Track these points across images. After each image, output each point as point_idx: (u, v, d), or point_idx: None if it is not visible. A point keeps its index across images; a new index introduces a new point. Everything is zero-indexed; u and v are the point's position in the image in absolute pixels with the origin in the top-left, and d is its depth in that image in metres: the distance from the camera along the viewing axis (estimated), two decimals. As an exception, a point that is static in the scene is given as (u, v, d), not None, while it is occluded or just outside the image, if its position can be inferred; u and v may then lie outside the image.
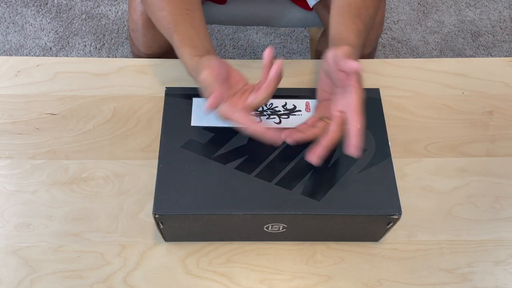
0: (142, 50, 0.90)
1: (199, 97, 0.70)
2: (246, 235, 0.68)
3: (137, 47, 0.92)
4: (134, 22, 0.86)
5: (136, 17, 0.85)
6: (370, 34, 0.90)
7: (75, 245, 0.69)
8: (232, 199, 0.62)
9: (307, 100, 0.71)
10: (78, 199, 0.72)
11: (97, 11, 1.66)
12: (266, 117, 0.69)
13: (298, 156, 0.66)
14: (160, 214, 0.61)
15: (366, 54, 0.94)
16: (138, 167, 0.75)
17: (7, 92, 0.82)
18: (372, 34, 0.90)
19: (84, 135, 0.78)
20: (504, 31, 1.70)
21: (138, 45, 0.89)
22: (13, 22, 1.64)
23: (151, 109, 0.80)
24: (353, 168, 0.65)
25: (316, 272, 0.68)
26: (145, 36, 0.86)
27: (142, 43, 0.88)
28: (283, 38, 1.66)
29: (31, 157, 0.75)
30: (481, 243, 0.71)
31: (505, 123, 0.82)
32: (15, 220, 0.70)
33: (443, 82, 0.86)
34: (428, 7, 1.74)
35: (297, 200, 0.62)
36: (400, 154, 0.77)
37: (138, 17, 0.85)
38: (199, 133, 0.67)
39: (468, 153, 0.79)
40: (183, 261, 0.68)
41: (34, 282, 0.65)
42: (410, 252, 0.70)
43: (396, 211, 0.62)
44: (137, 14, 0.84)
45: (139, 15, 0.84)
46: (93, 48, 1.59)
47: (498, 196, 0.75)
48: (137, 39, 0.88)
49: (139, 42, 0.88)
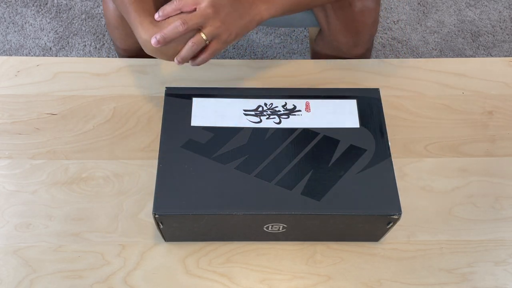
0: (119, 45, 0.92)
1: (199, 97, 0.70)
2: (246, 235, 0.68)
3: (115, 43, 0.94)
4: (107, 18, 0.89)
5: (109, 13, 0.88)
6: (363, 34, 0.90)
7: (75, 245, 0.69)
8: (232, 199, 0.62)
9: (307, 100, 0.71)
10: (78, 199, 0.72)
11: (97, 11, 1.66)
12: (266, 117, 0.69)
13: (298, 156, 0.66)
14: (160, 214, 0.61)
15: (360, 54, 0.94)
16: (138, 167, 0.75)
17: (7, 92, 0.82)
18: (365, 34, 0.90)
19: (84, 135, 0.78)
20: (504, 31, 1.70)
21: (115, 40, 0.92)
22: (13, 22, 1.63)
23: (151, 109, 0.80)
24: (353, 168, 0.65)
25: (316, 272, 0.68)
26: (118, 29, 0.89)
27: (117, 38, 0.91)
28: (283, 38, 1.66)
29: (31, 157, 0.75)
30: (481, 243, 0.71)
31: (505, 123, 0.82)
32: (15, 220, 0.70)
33: (443, 82, 0.86)
34: (428, 7, 1.74)
35: (297, 200, 0.62)
36: (400, 154, 0.77)
37: (110, 13, 0.88)
38: (199, 133, 0.67)
39: (468, 153, 0.78)
40: (183, 261, 0.68)
41: (34, 282, 0.65)
42: (410, 252, 0.70)
43: (396, 211, 0.62)
44: (110, 10, 0.88)
45: (112, 11, 0.87)
46: (93, 48, 1.59)
47: (498, 196, 0.75)
48: (113, 34, 0.91)
49: (115, 37, 0.91)
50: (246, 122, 0.69)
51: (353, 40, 0.91)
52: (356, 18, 0.87)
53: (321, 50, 1.00)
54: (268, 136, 0.67)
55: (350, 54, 0.93)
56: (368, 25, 0.89)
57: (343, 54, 0.94)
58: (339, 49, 0.93)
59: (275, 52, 1.61)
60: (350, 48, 0.92)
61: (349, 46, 0.92)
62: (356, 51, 0.93)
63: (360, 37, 0.90)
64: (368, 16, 0.88)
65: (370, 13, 0.88)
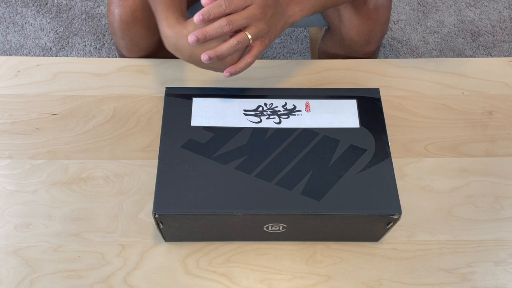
0: (125, 53, 0.91)
1: (199, 97, 0.70)
2: (246, 235, 0.68)
3: (119, 51, 0.93)
4: (112, 26, 0.86)
5: (113, 20, 0.85)
6: (376, 31, 0.90)
7: (75, 245, 0.69)
8: (232, 199, 0.62)
9: (307, 100, 0.71)
10: (78, 199, 0.72)
11: (97, 11, 1.66)
12: (266, 117, 0.69)
13: (298, 156, 0.66)
14: (160, 214, 0.61)
15: (371, 52, 0.94)
16: (138, 167, 0.75)
17: (7, 92, 0.82)
18: (377, 32, 0.90)
19: (84, 135, 0.78)
20: (504, 31, 1.70)
21: (120, 48, 0.90)
22: (13, 22, 1.63)
23: (151, 109, 0.80)
24: (353, 168, 0.65)
25: (316, 272, 0.68)
26: (124, 39, 0.87)
27: (122, 46, 0.89)
28: (283, 38, 1.66)
29: (31, 157, 0.75)
30: (481, 243, 0.71)
31: (505, 123, 0.82)
32: (15, 220, 0.70)
33: (443, 82, 0.86)
34: (428, 7, 1.74)
35: (297, 200, 0.62)
36: (400, 154, 0.77)
37: (115, 20, 0.85)
38: (199, 133, 0.67)
39: (468, 153, 0.79)
40: (183, 261, 0.68)
41: (34, 282, 0.65)
42: (410, 252, 0.70)
43: (396, 211, 0.62)
44: (115, 17, 0.85)
45: (117, 18, 0.84)
46: (93, 48, 1.59)
47: (498, 196, 0.75)
48: (117, 42, 0.89)
49: (120, 45, 0.89)
50: (246, 122, 0.69)
51: (366, 38, 0.90)
52: (370, 15, 0.87)
53: (330, 49, 1.00)
54: (268, 136, 0.67)
55: (361, 52, 0.93)
56: (382, 23, 0.89)
57: (354, 53, 0.93)
58: (351, 47, 0.93)
59: (275, 52, 1.61)
60: (363, 46, 0.92)
61: (362, 44, 0.91)
62: (368, 49, 0.92)
63: (373, 35, 0.90)
64: (382, 14, 0.88)
65: (383, 11, 0.88)
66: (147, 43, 0.88)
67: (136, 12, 0.83)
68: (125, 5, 0.83)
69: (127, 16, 0.83)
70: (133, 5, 0.83)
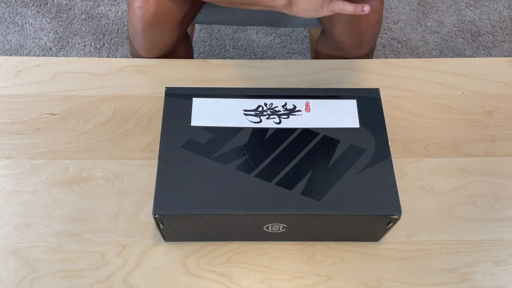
0: (142, 54, 0.90)
1: (199, 97, 0.70)
2: (246, 235, 0.68)
3: (137, 50, 0.92)
4: (134, 26, 0.85)
5: (136, 21, 0.84)
6: (367, 34, 0.90)
7: (75, 245, 0.69)
8: (232, 199, 0.62)
9: (307, 100, 0.71)
10: (78, 199, 0.72)
11: (97, 11, 1.66)
12: (266, 117, 0.69)
13: (298, 156, 0.66)
14: (160, 214, 0.61)
15: (364, 54, 0.94)
16: (138, 167, 0.75)
17: (7, 92, 0.82)
18: (369, 34, 0.90)
19: (84, 135, 0.78)
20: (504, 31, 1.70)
21: (138, 48, 0.90)
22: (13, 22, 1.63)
23: (151, 109, 0.80)
24: (353, 168, 0.65)
25: (316, 272, 0.68)
26: (145, 40, 0.86)
27: (142, 47, 0.88)
28: (283, 38, 1.66)
29: (31, 157, 0.75)
30: (481, 243, 0.71)
31: (505, 123, 0.82)
32: (15, 220, 0.70)
33: (443, 82, 0.86)
34: (428, 7, 1.74)
35: (297, 200, 0.62)
36: (400, 154, 0.77)
37: (137, 21, 0.84)
38: (199, 133, 0.67)
39: (468, 153, 0.79)
40: (183, 261, 0.68)
41: (34, 282, 0.65)
42: (410, 252, 0.70)
43: (396, 211, 0.62)
44: (137, 19, 0.84)
45: (139, 19, 0.84)
46: (93, 48, 1.59)
47: (498, 196, 0.75)
48: (137, 43, 0.88)
49: (139, 46, 0.88)
50: (246, 122, 0.69)
51: (357, 41, 0.90)
52: (361, 18, 0.87)
53: (324, 51, 1.00)
54: (268, 136, 0.67)
55: (354, 55, 0.93)
56: (373, 25, 0.89)
57: (347, 55, 0.94)
58: (343, 49, 0.93)
59: (275, 52, 1.61)
60: (354, 49, 0.92)
61: (353, 46, 0.91)
62: (360, 51, 0.93)
63: (364, 38, 0.90)
64: (373, 16, 0.88)
65: (374, 13, 0.88)
66: (167, 44, 0.87)
67: (158, 13, 0.83)
68: (148, 7, 0.83)
69: (150, 17, 0.83)
70: (156, 6, 0.83)
